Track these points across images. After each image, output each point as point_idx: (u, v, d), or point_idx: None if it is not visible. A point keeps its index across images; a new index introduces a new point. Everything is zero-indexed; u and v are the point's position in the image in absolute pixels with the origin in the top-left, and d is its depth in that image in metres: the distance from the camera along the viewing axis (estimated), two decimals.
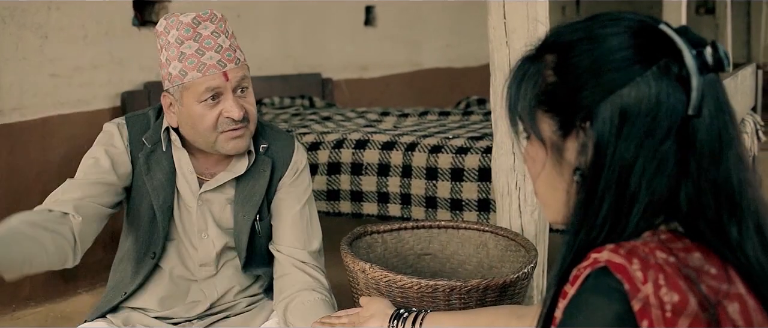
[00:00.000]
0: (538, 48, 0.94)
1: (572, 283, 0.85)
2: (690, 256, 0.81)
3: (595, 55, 0.87)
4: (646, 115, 0.84)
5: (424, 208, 2.63)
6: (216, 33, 1.63)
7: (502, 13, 2.18)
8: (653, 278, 0.78)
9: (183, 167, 1.73)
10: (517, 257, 2.00)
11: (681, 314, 0.77)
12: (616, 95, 0.85)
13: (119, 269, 1.84)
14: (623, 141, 0.84)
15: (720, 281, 0.81)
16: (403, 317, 1.48)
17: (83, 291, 3.15)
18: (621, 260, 0.80)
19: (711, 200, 0.84)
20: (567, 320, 0.84)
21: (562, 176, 0.92)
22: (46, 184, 3.12)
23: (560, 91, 0.90)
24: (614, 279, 0.79)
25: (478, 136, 2.70)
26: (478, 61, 7.02)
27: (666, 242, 0.82)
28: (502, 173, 2.27)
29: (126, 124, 1.72)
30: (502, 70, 2.21)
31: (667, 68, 0.84)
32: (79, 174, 1.69)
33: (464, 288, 1.65)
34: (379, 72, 5.46)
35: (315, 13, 4.68)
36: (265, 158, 1.78)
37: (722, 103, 0.87)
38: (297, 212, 1.80)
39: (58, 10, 3.11)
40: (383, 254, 2.06)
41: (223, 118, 1.64)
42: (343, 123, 3.29)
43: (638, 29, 0.88)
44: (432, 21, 6.17)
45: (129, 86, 3.44)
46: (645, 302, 0.77)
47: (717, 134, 0.85)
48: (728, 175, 0.85)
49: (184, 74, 1.61)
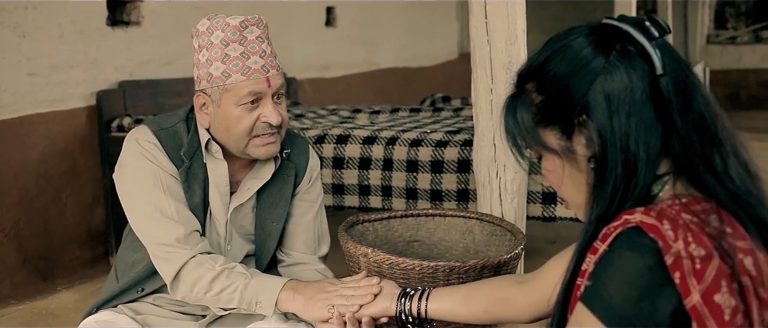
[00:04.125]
0: (517, 84, 1.13)
1: (602, 240, 0.99)
2: (709, 217, 0.96)
3: (567, 61, 1.05)
4: (624, 90, 1.01)
5: (404, 199, 2.75)
6: (260, 38, 1.65)
7: (483, 12, 2.31)
8: (683, 236, 0.93)
9: (219, 179, 1.73)
10: (502, 241, 2.13)
11: (708, 265, 0.92)
12: (597, 84, 1.03)
13: (138, 268, 1.77)
14: (616, 117, 1.01)
15: (736, 239, 0.96)
16: (410, 295, 1.57)
17: (63, 289, 3.17)
18: (653, 221, 0.95)
19: (694, 137, 1.01)
20: (601, 272, 0.97)
21: (580, 171, 1.08)
22: (24, 182, 3.14)
23: (551, 103, 1.08)
24: (647, 237, 0.94)
25: (454, 130, 2.84)
26: (432, 61, 7.19)
27: (688, 205, 0.98)
28: (484, 164, 2.41)
29: (161, 143, 1.69)
30: (484, 67, 2.34)
31: (624, 49, 1.03)
32: (164, 198, 1.66)
33: (463, 268, 1.77)
34: (339, 72, 5.57)
35: (279, 13, 4.76)
36: (288, 164, 1.80)
37: (677, 58, 1.05)
38: (310, 219, 1.85)
39: (34, 10, 3.13)
40: (374, 242, 2.17)
41: (260, 123, 1.65)
42: (319, 120, 3.39)
43: (589, 30, 1.07)
44: (388, 22, 6.31)
45: (104, 85, 3.47)
46: (677, 256, 0.92)
47: (683, 83, 1.03)
48: (701, 112, 1.03)
49: (227, 76, 1.62)
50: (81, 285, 3.23)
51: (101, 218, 3.49)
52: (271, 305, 1.61)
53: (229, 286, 1.62)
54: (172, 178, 1.68)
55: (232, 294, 1.62)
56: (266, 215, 1.79)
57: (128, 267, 1.78)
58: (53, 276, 3.26)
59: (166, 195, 1.66)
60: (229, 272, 1.63)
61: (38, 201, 3.21)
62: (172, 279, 1.65)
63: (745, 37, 9.70)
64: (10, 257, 3.09)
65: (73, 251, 3.38)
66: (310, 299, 1.60)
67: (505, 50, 2.30)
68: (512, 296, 1.45)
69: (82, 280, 3.29)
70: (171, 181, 1.67)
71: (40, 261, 3.22)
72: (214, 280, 1.62)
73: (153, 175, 1.66)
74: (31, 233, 3.18)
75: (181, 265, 1.63)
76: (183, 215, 1.66)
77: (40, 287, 3.15)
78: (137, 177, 1.68)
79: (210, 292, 1.63)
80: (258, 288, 1.62)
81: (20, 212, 3.13)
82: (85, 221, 3.43)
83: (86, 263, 3.43)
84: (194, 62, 1.69)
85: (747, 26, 9.81)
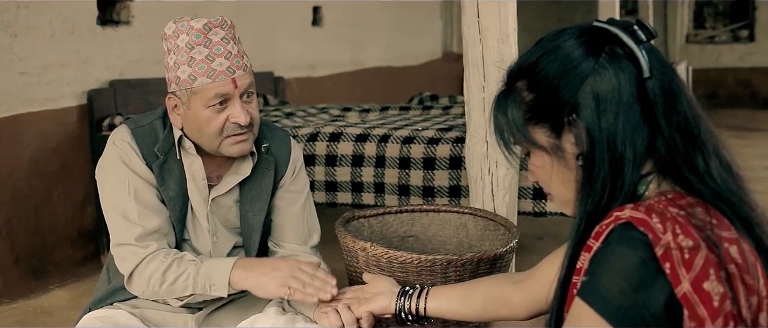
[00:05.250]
0: (507, 81, 1.17)
1: (595, 238, 1.04)
2: (694, 210, 1.02)
3: (558, 62, 1.09)
4: (613, 91, 1.06)
5: (397, 196, 2.79)
6: (225, 39, 1.66)
7: (476, 12, 2.36)
8: (671, 228, 0.98)
9: (195, 173, 1.76)
10: (496, 235, 2.18)
11: (696, 255, 0.97)
12: (586, 85, 1.07)
13: None
14: (604, 118, 1.05)
15: (721, 229, 1.01)
16: (408, 293, 1.61)
17: (55, 287, 3.18)
18: (642, 216, 1.00)
19: (678, 138, 1.06)
20: (596, 268, 1.02)
21: (569, 168, 1.12)
22: (17, 181, 3.15)
23: (541, 102, 1.12)
24: (638, 231, 0.99)
25: (446, 128, 2.89)
26: (417, 60, 7.25)
27: (674, 200, 1.03)
28: (476, 160, 2.45)
29: (135, 141, 1.72)
30: (476, 65, 2.39)
31: (613, 52, 1.07)
32: (128, 200, 1.69)
33: (459, 261, 1.82)
34: (326, 71, 5.60)
35: (267, 13, 4.78)
36: (267, 157, 1.83)
37: (663, 62, 1.10)
38: (298, 209, 1.88)
39: (26, 9, 3.13)
40: (370, 238, 2.20)
41: (229, 124, 1.67)
42: (309, 119, 3.43)
43: (580, 32, 1.11)
44: (374, 22, 6.35)
45: (95, 84, 3.48)
46: (666, 248, 0.97)
47: (668, 86, 1.08)
48: (685, 115, 1.08)
49: (193, 79, 1.63)
50: (73, 284, 3.24)
51: (92, 216, 3.50)
52: (225, 285, 1.66)
53: (182, 274, 1.66)
54: (141, 180, 1.70)
55: (186, 281, 1.67)
56: (248, 208, 1.82)
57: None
58: (45, 275, 3.26)
59: (130, 198, 1.69)
60: (179, 262, 1.68)
61: (30, 200, 3.21)
62: (128, 277, 1.69)
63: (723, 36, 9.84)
64: (3, 255, 3.10)
65: (64, 249, 3.39)
66: (263, 276, 1.65)
67: (497, 49, 2.35)
68: (508, 295, 1.48)
69: (74, 278, 3.29)
70: (139, 183, 1.70)
71: (33, 260, 3.23)
72: (166, 271, 1.66)
73: (122, 178, 1.70)
74: (23, 232, 3.18)
75: (136, 263, 1.67)
76: (144, 217, 1.69)
77: (32, 286, 3.16)
78: (108, 179, 1.72)
79: (164, 283, 1.67)
80: (209, 271, 1.67)
81: (12, 211, 3.13)
82: (77, 220, 3.44)
83: (78, 262, 3.44)
84: (164, 65, 1.72)
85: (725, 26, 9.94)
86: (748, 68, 9.16)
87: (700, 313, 0.96)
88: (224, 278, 1.66)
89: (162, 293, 1.70)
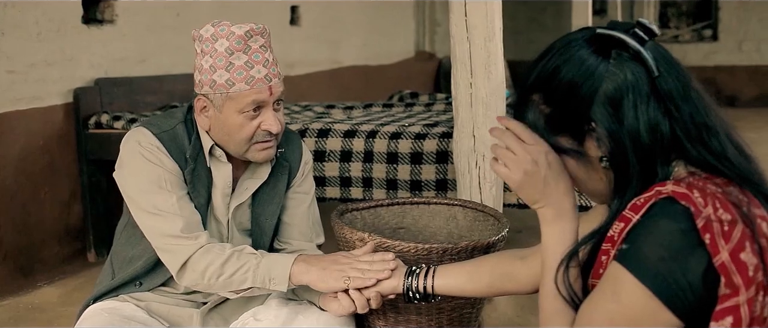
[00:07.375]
0: (522, 94, 1.23)
1: (633, 210, 1.11)
2: (730, 188, 1.10)
3: (570, 75, 1.16)
4: (627, 93, 1.13)
5: (385, 190, 2.86)
6: (264, 47, 1.68)
7: (463, 11, 2.45)
8: (712, 202, 1.06)
9: (223, 181, 1.77)
10: (485, 226, 2.26)
11: (734, 228, 1.05)
12: (600, 93, 1.14)
13: (136, 264, 1.80)
14: (625, 119, 1.13)
15: (753, 207, 1.10)
16: (416, 273, 1.66)
17: (43, 284, 3.20)
18: (684, 190, 1.08)
19: (692, 127, 1.14)
20: (636, 237, 1.09)
21: (595, 170, 1.20)
22: (4, 179, 3.16)
23: (558, 115, 1.19)
24: (680, 205, 1.06)
25: (432, 123, 2.97)
26: (391, 59, 7.33)
27: (710, 178, 1.12)
28: (463, 154, 2.54)
29: (164, 145, 1.71)
30: (464, 63, 2.48)
31: (620, 55, 1.14)
32: (164, 194, 1.69)
33: (455, 250, 1.88)
34: (303, 69, 5.65)
35: (245, 12, 4.82)
36: (283, 162, 1.86)
37: (669, 58, 1.17)
38: (305, 210, 1.91)
39: (13, 8, 3.15)
40: (363, 229, 2.27)
41: (260, 131, 1.69)
42: (295, 116, 3.48)
43: (586, 41, 1.18)
44: (350, 21, 6.42)
45: (80, 83, 3.50)
46: (707, 220, 1.05)
47: (676, 79, 1.15)
48: (696, 105, 1.15)
49: (231, 84, 1.65)
50: (61, 281, 3.26)
51: (79, 214, 3.52)
52: (285, 279, 1.65)
53: (242, 267, 1.66)
54: (174, 176, 1.71)
55: (245, 274, 1.66)
56: (261, 211, 1.84)
57: (125, 262, 1.81)
58: (33, 272, 3.28)
59: (166, 191, 1.69)
60: (238, 254, 1.68)
61: (17, 198, 3.23)
62: (179, 269, 1.68)
63: (687, 35, 10.05)
64: None
65: (51, 247, 3.40)
66: (324, 271, 1.64)
67: (484, 46, 2.44)
68: (514, 270, 1.55)
69: (62, 276, 3.32)
70: (173, 178, 1.70)
71: (21, 257, 3.24)
72: (225, 263, 1.66)
73: (155, 174, 1.69)
74: (10, 230, 3.19)
75: (188, 255, 1.67)
76: (185, 209, 1.70)
77: (21, 283, 3.18)
78: (138, 177, 1.70)
79: (222, 275, 1.66)
80: (270, 265, 1.66)
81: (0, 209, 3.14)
82: (63, 218, 3.46)
83: (65, 259, 3.46)
84: (196, 66, 1.71)
85: (688, 25, 10.16)
86: (712, 67, 9.36)
87: (736, 281, 1.03)
88: (285, 271, 1.65)
89: (218, 286, 1.69)
